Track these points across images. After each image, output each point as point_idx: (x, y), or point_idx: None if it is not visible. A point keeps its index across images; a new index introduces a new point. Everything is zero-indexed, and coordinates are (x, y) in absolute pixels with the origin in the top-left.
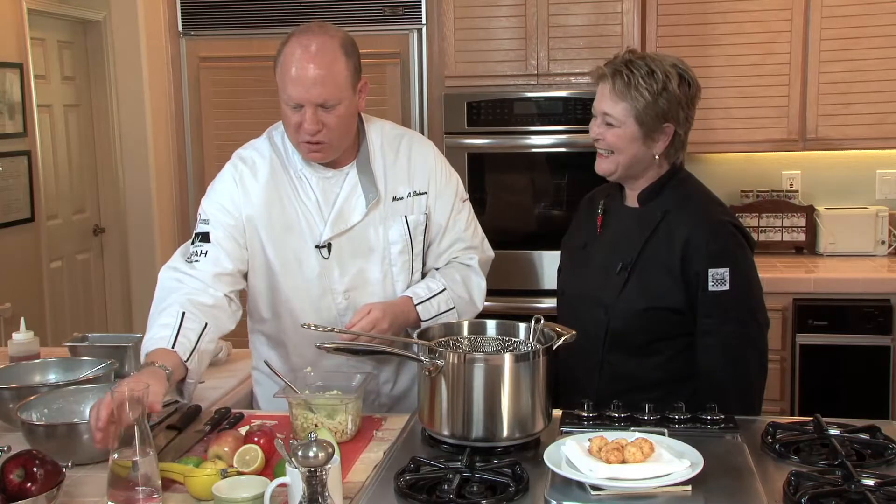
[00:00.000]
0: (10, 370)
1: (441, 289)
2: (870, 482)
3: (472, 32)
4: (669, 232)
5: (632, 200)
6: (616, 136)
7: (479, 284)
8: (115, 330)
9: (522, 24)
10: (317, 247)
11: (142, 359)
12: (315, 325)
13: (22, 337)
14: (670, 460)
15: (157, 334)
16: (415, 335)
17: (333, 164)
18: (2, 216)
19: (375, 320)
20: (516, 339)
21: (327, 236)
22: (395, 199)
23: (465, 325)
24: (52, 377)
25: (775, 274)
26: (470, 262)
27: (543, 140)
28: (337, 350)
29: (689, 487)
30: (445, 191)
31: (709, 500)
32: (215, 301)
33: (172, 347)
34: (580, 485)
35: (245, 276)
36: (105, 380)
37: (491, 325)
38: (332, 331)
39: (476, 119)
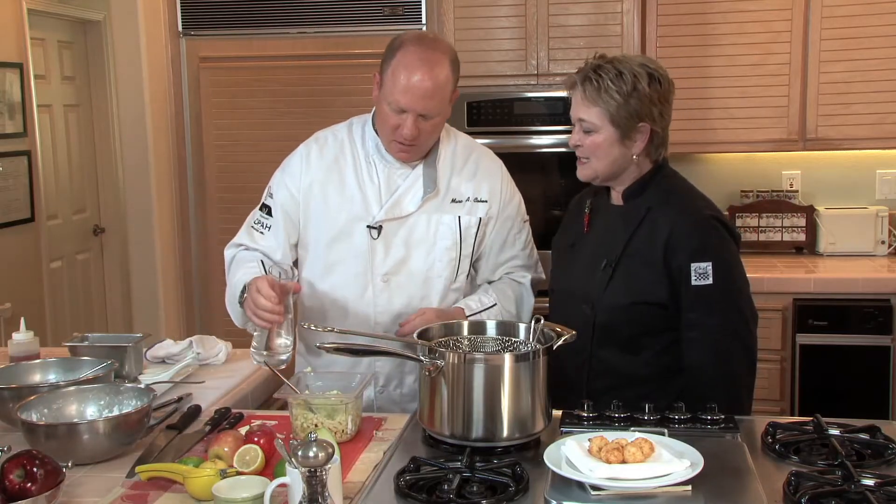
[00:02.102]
0: (10, 370)
1: (492, 304)
2: (870, 482)
3: (472, 32)
4: (652, 228)
5: (617, 198)
6: (593, 142)
7: (529, 303)
8: (115, 330)
9: (522, 24)
10: (368, 226)
11: (236, 296)
12: (315, 326)
13: (22, 337)
14: (670, 460)
15: (248, 273)
16: (415, 335)
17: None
18: (2, 216)
19: (429, 321)
20: (516, 339)
21: (380, 218)
22: (454, 200)
23: (465, 325)
24: (52, 377)
25: (775, 274)
26: (522, 281)
27: (544, 140)
28: (337, 350)
29: (689, 487)
30: (509, 207)
31: (709, 500)
32: (282, 258)
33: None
34: (580, 485)
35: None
36: (105, 380)
37: (491, 325)
38: (331, 330)
39: (476, 119)
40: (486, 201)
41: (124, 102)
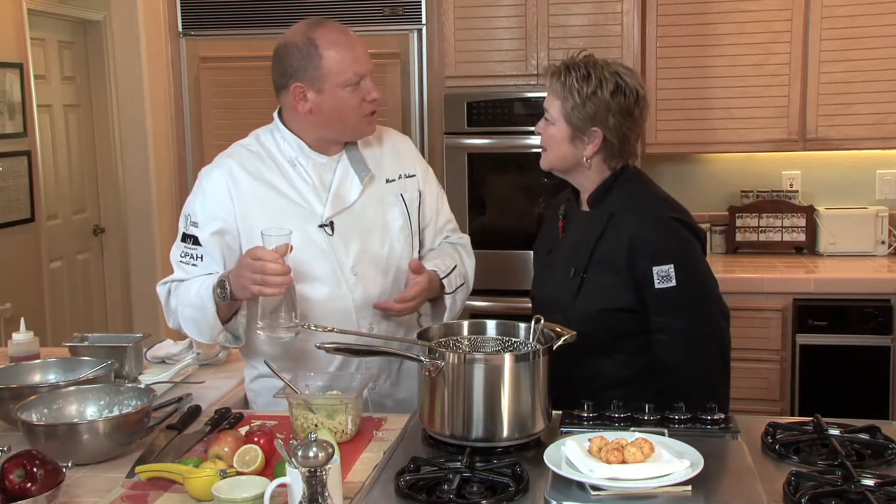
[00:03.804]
0: (10, 370)
1: (454, 265)
2: (870, 482)
3: (472, 32)
4: (616, 233)
5: (584, 204)
6: (549, 133)
7: (472, 263)
8: (115, 330)
9: (522, 24)
10: (320, 226)
11: (207, 303)
12: (315, 325)
13: (22, 337)
14: (670, 460)
15: (206, 280)
16: (415, 335)
17: (326, 152)
18: (2, 216)
19: (423, 290)
20: (516, 340)
21: (328, 214)
22: (388, 181)
23: (465, 325)
24: (52, 377)
25: (775, 274)
26: (461, 241)
27: None
28: (337, 350)
29: (689, 487)
30: (429, 175)
31: (709, 500)
32: None
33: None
34: (580, 485)
35: None
36: (105, 380)
37: (491, 325)
38: (331, 330)
39: (476, 119)
40: (413, 175)
41: (124, 102)
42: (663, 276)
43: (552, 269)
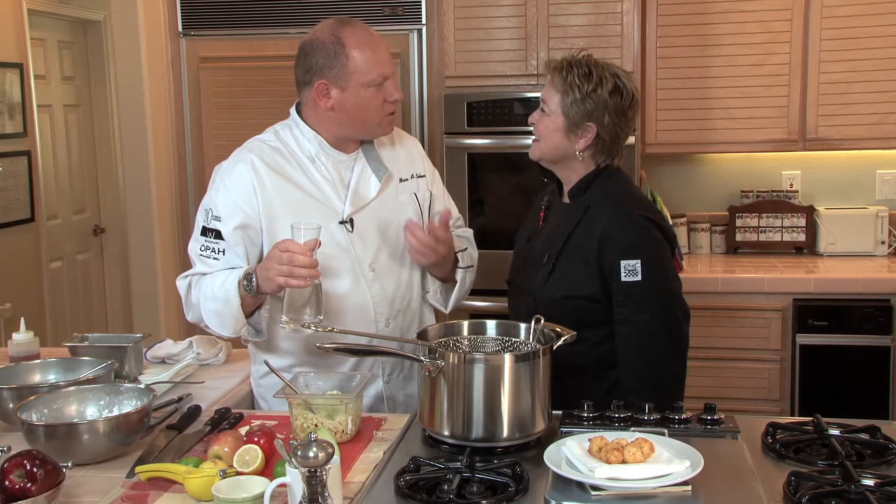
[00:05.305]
0: (10, 370)
1: (465, 247)
2: (870, 482)
3: (472, 32)
4: (590, 225)
5: (566, 196)
6: (544, 124)
7: (476, 254)
8: (115, 330)
9: (522, 24)
10: (341, 223)
11: (236, 289)
12: (315, 326)
13: (22, 337)
14: (670, 460)
15: (231, 274)
16: (415, 335)
17: (344, 149)
18: (2, 216)
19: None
20: (516, 339)
21: (349, 212)
22: (401, 180)
23: (465, 325)
24: (52, 377)
25: (775, 274)
26: (466, 234)
27: None
28: (337, 350)
29: (689, 487)
30: (436, 176)
31: (709, 500)
32: None
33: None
34: (580, 485)
35: None
36: (105, 380)
37: (491, 325)
38: (332, 330)
39: (476, 119)
40: (424, 175)
41: (124, 102)
42: (630, 269)
43: (529, 255)
